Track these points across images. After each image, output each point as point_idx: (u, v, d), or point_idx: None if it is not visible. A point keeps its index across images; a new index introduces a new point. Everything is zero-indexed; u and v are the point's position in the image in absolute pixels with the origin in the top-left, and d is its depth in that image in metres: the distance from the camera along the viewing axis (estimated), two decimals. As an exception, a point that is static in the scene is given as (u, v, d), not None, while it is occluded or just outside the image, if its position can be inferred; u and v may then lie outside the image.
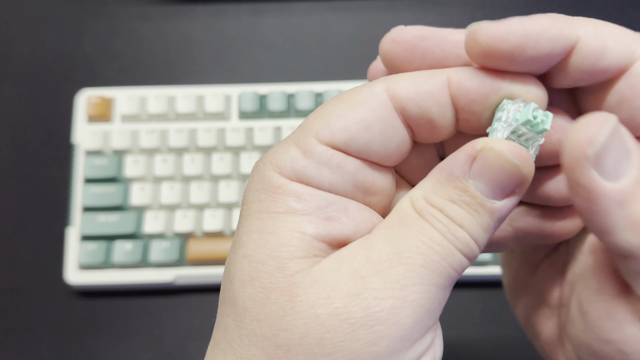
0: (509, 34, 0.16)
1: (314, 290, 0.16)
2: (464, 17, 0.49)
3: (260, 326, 0.16)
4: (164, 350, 0.41)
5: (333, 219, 0.17)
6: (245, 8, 0.49)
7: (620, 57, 0.16)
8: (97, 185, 0.42)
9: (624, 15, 0.48)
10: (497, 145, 0.16)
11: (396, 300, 0.15)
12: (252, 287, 0.16)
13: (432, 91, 0.17)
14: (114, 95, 0.44)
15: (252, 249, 0.17)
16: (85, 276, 0.41)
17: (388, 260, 0.16)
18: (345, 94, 0.18)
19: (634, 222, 0.15)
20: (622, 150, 0.15)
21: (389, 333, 0.15)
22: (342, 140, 0.17)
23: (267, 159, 0.18)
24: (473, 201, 0.16)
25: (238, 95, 0.44)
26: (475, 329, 0.41)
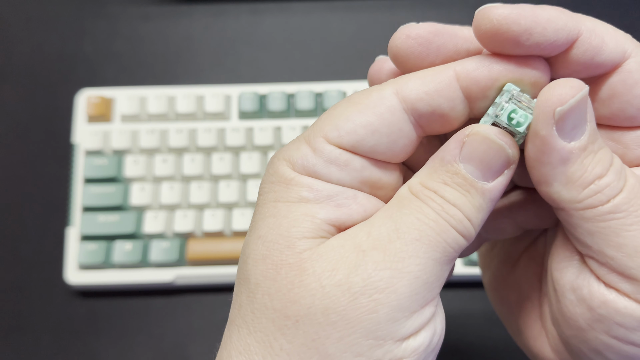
0: (520, 17, 0.17)
1: (320, 264, 0.17)
2: (464, 17, 0.49)
3: (271, 300, 0.17)
4: (164, 350, 0.41)
5: (343, 205, 0.18)
6: (245, 8, 0.49)
7: (615, 53, 0.18)
8: (97, 185, 0.42)
9: (625, 15, 0.48)
10: (482, 129, 0.18)
11: (394, 271, 0.17)
12: (264, 264, 0.18)
13: (441, 88, 0.18)
14: (114, 95, 0.44)
15: (266, 230, 0.18)
16: (85, 276, 0.41)
17: (387, 235, 0.17)
18: (356, 96, 0.19)
19: (569, 179, 0.17)
20: (582, 119, 0.17)
21: (387, 301, 0.16)
22: (350, 142, 0.18)
23: (280, 155, 0.19)
24: (465, 182, 0.17)
25: (238, 95, 0.44)
26: (475, 329, 0.41)
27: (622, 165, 0.18)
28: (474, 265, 0.40)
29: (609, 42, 0.18)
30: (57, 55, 0.48)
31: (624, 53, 0.18)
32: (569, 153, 0.17)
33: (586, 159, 0.17)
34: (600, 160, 0.17)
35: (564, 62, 0.18)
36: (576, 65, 0.18)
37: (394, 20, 0.49)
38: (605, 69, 0.18)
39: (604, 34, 0.18)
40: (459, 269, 0.40)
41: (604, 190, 0.17)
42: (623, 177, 0.17)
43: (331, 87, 0.44)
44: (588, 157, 0.17)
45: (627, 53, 0.18)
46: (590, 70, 0.18)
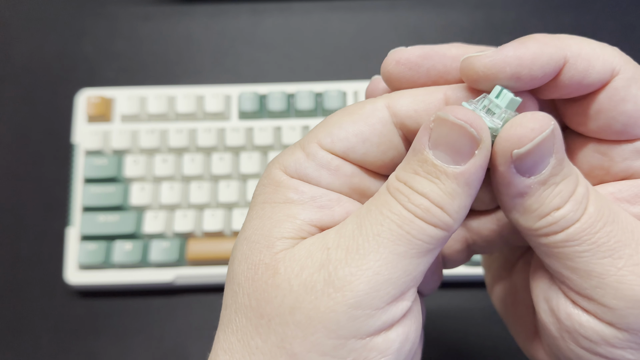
0: (505, 64, 0.17)
1: (291, 263, 0.17)
2: (464, 17, 0.49)
3: (249, 299, 0.18)
4: (164, 350, 0.41)
5: (325, 207, 0.19)
6: (245, 8, 0.49)
7: (603, 74, 0.18)
8: (97, 185, 0.42)
9: (625, 15, 0.48)
10: (443, 113, 0.17)
11: (352, 268, 0.17)
12: (245, 264, 0.18)
13: (429, 109, 0.19)
14: (114, 95, 0.44)
15: (251, 231, 0.19)
16: (85, 276, 0.41)
17: (351, 233, 0.17)
18: (350, 108, 0.19)
19: (526, 210, 0.18)
20: (543, 155, 0.17)
21: (344, 299, 0.16)
22: (341, 149, 0.19)
23: (276, 160, 0.20)
24: (434, 169, 0.17)
25: (238, 95, 0.44)
26: (475, 329, 0.41)
27: (585, 194, 0.18)
28: (474, 265, 0.40)
29: (595, 63, 0.18)
30: (57, 55, 0.48)
31: (612, 71, 0.18)
32: (527, 187, 0.17)
33: (545, 192, 0.17)
34: (560, 192, 0.17)
35: (553, 86, 0.18)
36: (565, 88, 0.18)
37: (394, 20, 0.49)
38: (594, 87, 0.18)
39: (590, 56, 0.18)
40: (459, 269, 0.40)
41: (559, 221, 0.17)
42: (583, 206, 0.17)
43: (331, 87, 0.44)
44: (547, 190, 0.17)
45: (615, 70, 0.18)
46: (580, 91, 0.18)
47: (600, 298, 0.17)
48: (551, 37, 0.18)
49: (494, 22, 0.49)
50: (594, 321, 0.18)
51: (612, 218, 0.17)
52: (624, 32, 0.47)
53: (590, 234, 0.17)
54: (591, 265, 0.17)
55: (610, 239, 0.17)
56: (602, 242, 0.17)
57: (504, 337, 0.41)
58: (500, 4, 0.49)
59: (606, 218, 0.17)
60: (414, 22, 0.49)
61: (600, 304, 0.17)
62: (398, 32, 0.49)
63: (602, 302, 0.17)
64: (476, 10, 0.49)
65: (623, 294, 0.17)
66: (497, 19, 0.49)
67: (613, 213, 0.18)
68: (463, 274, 0.40)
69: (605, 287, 0.17)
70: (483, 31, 0.48)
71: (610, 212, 0.18)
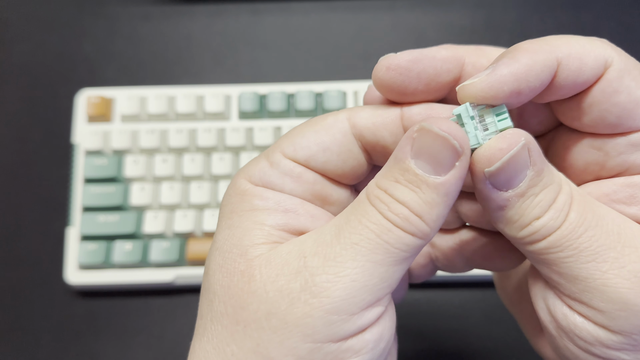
0: (502, 84, 0.18)
1: (267, 270, 0.18)
2: (464, 17, 0.49)
3: (225, 307, 0.18)
4: (164, 350, 0.41)
5: (290, 210, 0.19)
6: (245, 8, 0.49)
7: (596, 68, 0.18)
8: (97, 185, 0.42)
9: (625, 15, 0.48)
10: (427, 124, 0.17)
11: (329, 276, 0.17)
12: (220, 273, 0.19)
13: (386, 123, 0.19)
14: (114, 95, 0.44)
15: (222, 242, 0.19)
16: (85, 276, 0.41)
17: (329, 240, 0.18)
18: (313, 120, 0.20)
19: (508, 221, 0.18)
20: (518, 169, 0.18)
21: (321, 305, 0.17)
22: (303, 157, 0.20)
23: (241, 172, 0.20)
24: (415, 179, 0.17)
25: (238, 95, 0.44)
26: (475, 329, 0.41)
27: (566, 201, 0.18)
28: (474, 265, 0.40)
29: (587, 59, 0.18)
30: (57, 55, 0.48)
31: (604, 64, 0.18)
32: (506, 201, 0.18)
33: (524, 204, 0.18)
34: (539, 202, 0.18)
35: (550, 90, 0.18)
36: (561, 89, 0.18)
37: (394, 20, 0.49)
38: (589, 83, 0.18)
39: (581, 53, 0.18)
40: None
41: (540, 230, 0.18)
42: (564, 213, 0.18)
43: (331, 87, 0.44)
44: (527, 201, 0.18)
45: (607, 63, 0.18)
46: (576, 89, 0.19)
47: (589, 301, 0.18)
48: (539, 43, 0.18)
49: (494, 22, 0.49)
50: (587, 323, 0.18)
51: (595, 222, 0.18)
52: (624, 32, 0.47)
53: (572, 240, 0.18)
54: (576, 270, 0.18)
55: (592, 244, 0.17)
56: (585, 247, 0.17)
57: (504, 337, 0.41)
58: (500, 4, 0.49)
59: (588, 223, 0.18)
60: (414, 22, 0.49)
61: (590, 307, 0.18)
62: (398, 32, 0.49)
63: (591, 305, 0.18)
64: (476, 10, 0.49)
65: (610, 297, 0.17)
66: (497, 19, 0.49)
67: (597, 217, 0.18)
68: (462, 273, 0.40)
69: (592, 291, 0.17)
70: (483, 31, 0.48)
71: (594, 216, 0.18)
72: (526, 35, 0.48)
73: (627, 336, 0.17)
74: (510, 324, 0.41)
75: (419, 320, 0.41)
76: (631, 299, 0.17)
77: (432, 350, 0.40)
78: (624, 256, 0.17)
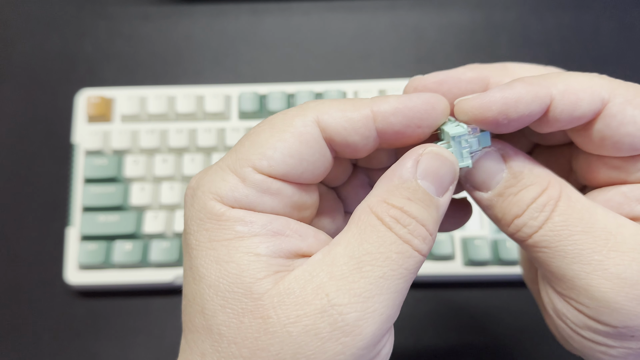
0: (491, 104, 0.19)
1: (283, 310, 0.17)
2: (464, 17, 0.49)
3: (238, 348, 0.17)
4: (164, 350, 0.41)
5: (279, 233, 0.19)
6: (245, 8, 0.49)
7: (592, 105, 0.19)
8: (97, 185, 0.41)
9: (625, 15, 0.48)
10: (436, 148, 0.19)
11: (360, 313, 0.17)
12: (224, 314, 0.18)
13: (357, 127, 0.19)
14: (114, 95, 0.44)
15: (215, 279, 0.18)
16: (85, 276, 0.41)
17: (350, 275, 0.17)
18: (277, 122, 0.19)
19: (496, 219, 0.20)
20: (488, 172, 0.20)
21: (354, 343, 0.17)
22: (281, 172, 0.19)
23: (205, 188, 0.19)
24: (426, 197, 0.19)
25: (238, 95, 0.44)
26: (475, 329, 0.41)
27: (547, 203, 0.19)
28: (474, 265, 0.40)
29: (583, 96, 0.19)
30: (57, 55, 0.48)
31: (602, 101, 0.19)
32: (489, 201, 0.20)
33: (504, 202, 0.20)
34: (518, 201, 0.19)
35: (545, 121, 0.19)
36: (556, 122, 0.19)
37: (394, 20, 0.49)
38: (587, 118, 0.19)
39: (577, 89, 0.19)
40: (459, 269, 0.40)
41: (522, 228, 0.19)
42: (544, 214, 0.19)
43: (331, 87, 0.44)
44: (507, 200, 0.20)
45: (605, 99, 0.19)
46: (573, 123, 0.19)
47: (576, 297, 0.19)
48: (538, 77, 0.19)
49: (494, 22, 0.49)
50: (577, 312, 0.19)
51: (582, 227, 0.19)
52: (624, 32, 0.47)
53: (556, 242, 0.19)
54: (562, 269, 0.19)
55: (577, 247, 0.18)
56: (570, 249, 0.19)
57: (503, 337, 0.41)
58: (500, 4, 0.49)
59: (574, 227, 0.19)
60: (414, 22, 0.49)
61: (577, 302, 0.19)
62: (398, 32, 0.49)
63: (578, 300, 0.19)
64: (476, 10, 0.49)
65: (594, 295, 0.18)
66: (497, 19, 0.49)
67: (585, 221, 0.19)
68: (462, 274, 0.40)
69: (578, 289, 0.19)
70: (483, 31, 0.48)
71: (581, 220, 0.19)
72: (526, 35, 0.48)
73: (612, 328, 0.18)
74: (510, 323, 0.41)
75: (419, 320, 0.41)
76: (613, 298, 0.18)
77: (432, 350, 0.40)
78: (609, 259, 0.18)
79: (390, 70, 0.47)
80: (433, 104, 0.19)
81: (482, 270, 0.40)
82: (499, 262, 0.40)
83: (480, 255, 0.39)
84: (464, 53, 0.48)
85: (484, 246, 0.39)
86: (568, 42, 0.47)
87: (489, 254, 0.39)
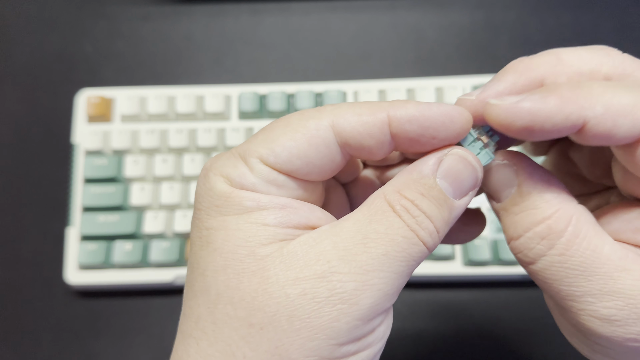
0: (516, 117, 0.18)
1: (284, 272, 0.18)
2: (464, 17, 0.49)
3: (234, 308, 0.18)
4: (164, 350, 0.41)
5: (287, 205, 0.19)
6: (245, 8, 0.49)
7: (631, 132, 0.17)
8: (97, 185, 0.42)
9: (625, 14, 0.48)
10: (461, 151, 0.19)
11: (358, 283, 0.18)
12: (225, 274, 0.18)
13: (372, 132, 0.19)
14: (114, 95, 0.44)
15: (221, 243, 0.19)
16: (85, 276, 0.41)
17: (354, 247, 0.18)
18: (293, 121, 0.19)
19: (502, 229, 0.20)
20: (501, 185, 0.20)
21: (350, 311, 0.17)
22: (286, 170, 0.19)
23: (217, 170, 0.19)
24: (440, 196, 0.19)
25: (238, 95, 0.44)
26: (475, 329, 0.41)
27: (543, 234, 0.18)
28: (474, 265, 0.40)
29: (622, 122, 0.17)
30: (57, 55, 0.48)
31: None
32: (497, 212, 0.20)
33: (506, 219, 0.20)
34: (515, 224, 0.19)
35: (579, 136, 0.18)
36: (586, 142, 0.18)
37: (394, 20, 0.49)
38: (624, 142, 0.18)
39: (617, 115, 0.17)
40: (459, 269, 0.40)
41: (517, 254, 0.19)
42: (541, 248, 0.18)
43: (331, 87, 0.44)
44: (508, 218, 0.20)
45: None
46: (609, 143, 0.18)
47: (570, 320, 0.19)
48: (577, 92, 0.17)
49: (494, 22, 0.49)
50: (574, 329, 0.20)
51: (581, 271, 0.18)
52: (624, 32, 0.47)
53: (551, 280, 0.19)
54: (556, 299, 0.19)
55: (571, 289, 0.18)
56: (564, 289, 0.18)
57: (503, 337, 0.41)
58: (500, 4, 0.49)
59: (572, 271, 0.18)
60: (414, 22, 0.49)
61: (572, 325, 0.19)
62: (398, 32, 0.49)
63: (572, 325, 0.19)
64: (476, 10, 0.49)
65: (584, 326, 0.19)
66: (497, 19, 0.49)
67: (586, 266, 0.18)
68: (462, 274, 0.40)
69: (570, 317, 0.19)
70: (483, 31, 0.48)
71: (582, 264, 0.18)
72: (526, 35, 0.48)
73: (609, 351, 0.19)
74: (510, 323, 0.41)
75: (419, 320, 0.41)
76: (604, 333, 0.18)
77: (432, 350, 0.40)
78: (601, 302, 0.18)
79: (390, 70, 0.47)
80: (452, 117, 0.19)
81: (482, 270, 0.40)
82: (499, 262, 0.40)
83: (480, 255, 0.39)
84: (464, 53, 0.48)
85: (484, 246, 0.39)
86: (568, 42, 0.47)
87: (489, 254, 0.39)
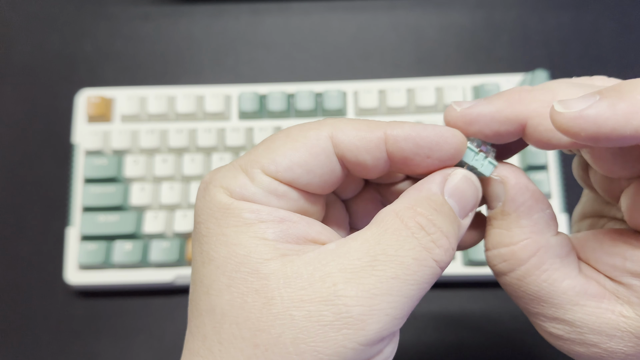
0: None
1: (288, 293, 0.17)
2: (464, 17, 0.49)
3: (239, 329, 0.17)
4: (164, 350, 0.41)
5: (286, 219, 0.19)
6: (245, 8, 0.49)
7: None
8: (97, 185, 0.42)
9: (625, 14, 0.48)
10: (465, 172, 0.20)
11: (365, 308, 0.17)
12: (229, 293, 0.18)
13: (369, 147, 0.19)
14: (114, 95, 0.44)
15: (223, 260, 0.18)
16: (85, 276, 0.41)
17: (361, 270, 0.17)
18: (293, 132, 0.20)
19: None
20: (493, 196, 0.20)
21: (355, 337, 0.17)
22: (287, 179, 0.19)
23: (216, 182, 0.19)
24: (450, 212, 0.19)
25: (238, 95, 0.44)
26: (475, 329, 0.41)
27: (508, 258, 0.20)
28: (474, 265, 0.40)
29: None
30: (57, 55, 0.48)
31: None
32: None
33: (488, 229, 0.20)
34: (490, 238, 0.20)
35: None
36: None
37: (394, 20, 0.49)
38: None
39: None
40: (459, 269, 0.40)
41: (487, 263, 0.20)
42: (502, 267, 0.20)
43: (331, 87, 0.44)
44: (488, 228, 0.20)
45: None
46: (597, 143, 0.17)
47: None
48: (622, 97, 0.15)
49: (494, 22, 0.49)
50: None
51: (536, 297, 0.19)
52: (624, 32, 0.47)
53: (512, 295, 0.20)
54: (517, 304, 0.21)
55: (527, 307, 0.20)
56: (522, 305, 0.20)
57: (503, 336, 0.41)
58: (500, 4, 0.49)
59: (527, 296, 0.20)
60: (414, 22, 0.49)
61: None
62: (398, 32, 0.49)
63: None
64: (476, 10, 0.49)
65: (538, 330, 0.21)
66: (497, 19, 0.49)
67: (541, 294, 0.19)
68: (462, 274, 0.40)
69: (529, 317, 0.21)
70: (483, 31, 0.48)
71: (538, 292, 0.19)
72: (526, 35, 0.48)
73: None
74: (510, 324, 0.41)
75: (419, 320, 0.41)
76: (553, 344, 0.20)
77: (432, 350, 0.40)
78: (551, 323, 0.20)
79: (390, 70, 0.47)
80: (446, 138, 0.19)
81: (482, 270, 0.40)
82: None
83: (480, 255, 0.39)
84: (464, 53, 0.48)
85: (484, 246, 0.39)
86: (568, 42, 0.47)
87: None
